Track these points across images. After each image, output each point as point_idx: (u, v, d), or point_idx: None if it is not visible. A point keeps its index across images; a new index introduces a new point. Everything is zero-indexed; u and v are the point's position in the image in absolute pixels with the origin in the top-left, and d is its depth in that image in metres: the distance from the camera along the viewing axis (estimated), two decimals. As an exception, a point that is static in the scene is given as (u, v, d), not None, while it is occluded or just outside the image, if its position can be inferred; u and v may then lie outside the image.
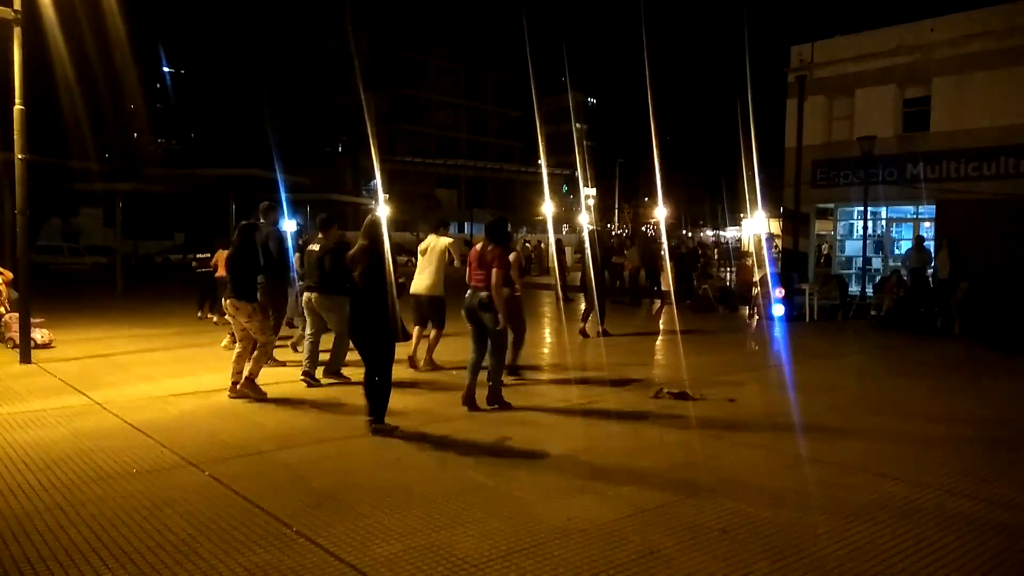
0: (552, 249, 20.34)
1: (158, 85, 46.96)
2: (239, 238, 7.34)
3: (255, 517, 4.30)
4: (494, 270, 6.81)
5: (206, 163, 42.47)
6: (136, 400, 7.24)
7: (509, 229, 7.46)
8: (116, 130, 37.01)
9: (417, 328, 9.04)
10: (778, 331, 13.30)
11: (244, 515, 4.32)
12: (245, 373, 7.27)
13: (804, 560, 3.82)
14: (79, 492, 4.66)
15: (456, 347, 9.23)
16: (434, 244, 8.90)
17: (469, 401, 6.94)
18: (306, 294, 8.33)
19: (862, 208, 17.49)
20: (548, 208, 33.99)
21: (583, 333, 12.26)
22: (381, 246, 6.32)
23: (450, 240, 9.04)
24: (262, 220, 8.85)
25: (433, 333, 9.03)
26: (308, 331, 8.37)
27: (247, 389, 7.23)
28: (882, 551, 3.95)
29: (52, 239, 33.65)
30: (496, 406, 6.98)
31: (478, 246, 7.19)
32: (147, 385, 7.97)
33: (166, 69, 48.47)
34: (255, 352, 7.33)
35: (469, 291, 7.09)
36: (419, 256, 9.08)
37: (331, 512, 4.38)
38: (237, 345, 7.45)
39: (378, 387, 6.16)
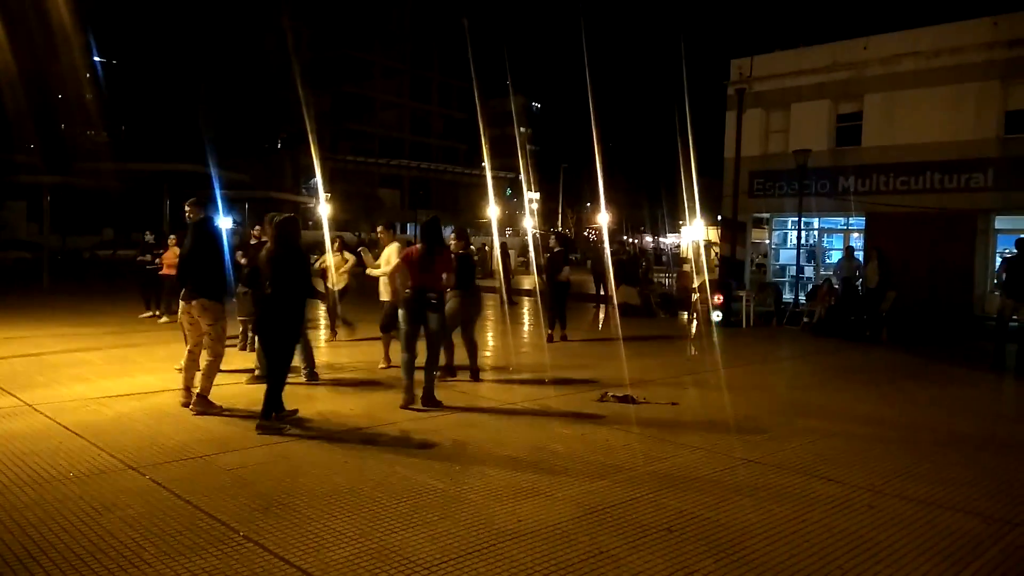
0: (497, 252, 20.41)
1: (88, 75, 45.29)
2: (199, 234, 6.89)
3: (200, 522, 4.21)
4: (446, 274, 7.05)
5: (140, 157, 41.20)
6: (69, 401, 6.99)
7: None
8: (43, 121, 35.62)
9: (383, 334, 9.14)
10: (716, 336, 13.63)
11: (189, 520, 4.23)
12: (196, 389, 6.74)
13: (747, 558, 3.95)
14: (13, 497, 4.49)
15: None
16: (390, 251, 8.91)
17: (409, 403, 7.00)
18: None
19: (796, 218, 18.09)
20: (493, 211, 34.08)
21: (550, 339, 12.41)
22: (292, 250, 6.29)
23: (396, 245, 8.97)
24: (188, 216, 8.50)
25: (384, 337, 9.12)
26: None
27: (201, 407, 6.67)
28: (820, 548, 4.11)
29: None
30: (430, 407, 7.04)
31: (417, 247, 7.25)
32: (80, 386, 7.71)
33: (97, 59, 46.78)
34: (205, 365, 6.79)
35: (413, 291, 7.11)
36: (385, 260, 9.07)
37: (279, 516, 4.33)
38: (188, 350, 6.93)
39: (267, 386, 6.21)
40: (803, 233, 19.36)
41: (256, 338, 8.33)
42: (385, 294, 9.07)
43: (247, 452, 5.60)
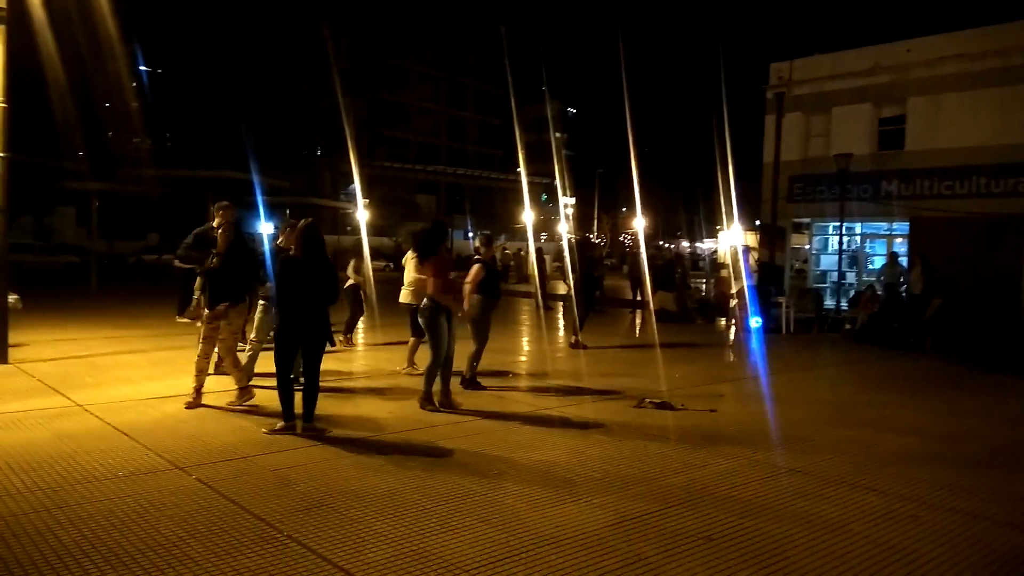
0: (532, 257, 20.46)
1: (135, 84, 46.43)
2: (239, 241, 7.31)
3: (245, 521, 4.30)
4: (431, 280, 7.22)
5: (184, 164, 42.15)
6: (117, 402, 7.18)
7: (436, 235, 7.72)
8: (90, 129, 36.62)
9: (412, 338, 9.18)
10: (755, 343, 13.48)
11: (233, 519, 4.33)
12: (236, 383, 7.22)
13: (787, 568, 3.91)
14: (65, 494, 4.64)
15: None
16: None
17: (445, 402, 7.31)
18: None
19: (837, 223, 17.79)
20: (528, 216, 34.14)
21: (574, 345, 12.25)
22: (315, 256, 6.36)
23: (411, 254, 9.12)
24: (215, 219, 8.64)
25: (411, 340, 9.16)
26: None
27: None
28: (863, 560, 4.05)
29: (23, 237, 33.20)
30: (428, 409, 7.23)
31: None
32: (127, 387, 7.91)
33: (143, 68, 47.94)
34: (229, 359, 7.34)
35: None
36: (404, 265, 9.17)
37: (320, 517, 4.40)
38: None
39: (308, 389, 6.31)
40: (845, 238, 19.06)
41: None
42: (405, 297, 9.10)
43: (289, 453, 5.70)
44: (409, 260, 9.04)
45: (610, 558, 3.96)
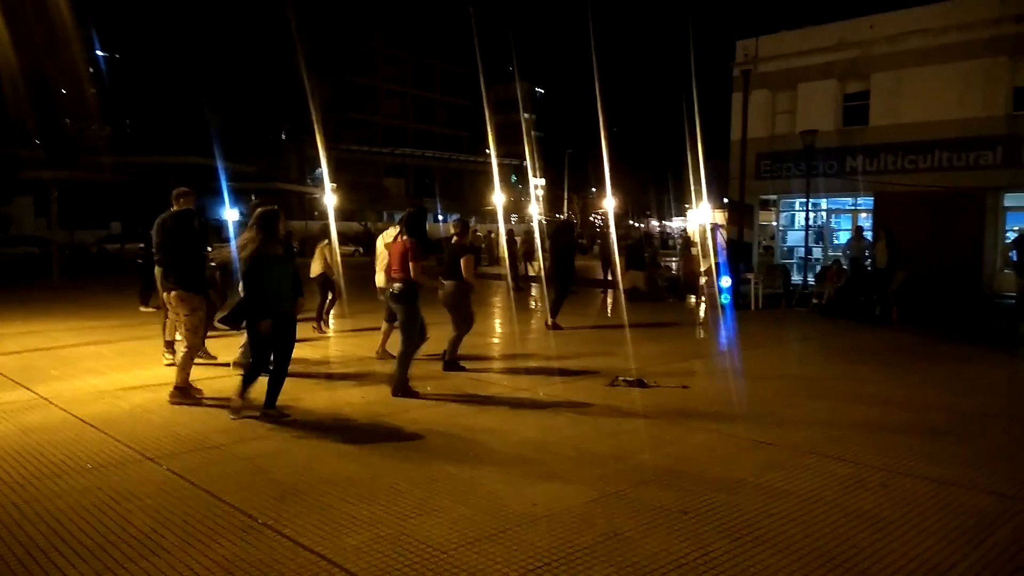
0: (503, 239, 20.41)
1: (91, 70, 45.18)
2: (175, 225, 7.05)
3: (218, 510, 4.26)
4: (411, 263, 6.99)
5: (145, 151, 41.30)
6: (84, 394, 7.05)
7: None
8: (47, 116, 35.67)
9: (386, 323, 9.07)
10: (725, 319, 13.62)
11: (207, 508, 4.28)
12: (175, 382, 6.79)
13: (762, 537, 3.97)
14: (32, 488, 4.54)
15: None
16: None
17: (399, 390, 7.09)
18: None
19: (803, 199, 18.00)
20: (498, 198, 34.03)
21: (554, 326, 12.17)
22: (273, 237, 6.24)
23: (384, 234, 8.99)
24: (173, 207, 8.47)
25: (385, 326, 9.08)
26: None
27: (177, 397, 6.71)
28: (834, 527, 4.13)
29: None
30: (401, 396, 7.06)
31: (399, 237, 7.35)
32: (94, 379, 7.76)
33: (100, 53, 46.66)
34: (180, 356, 6.94)
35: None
36: (382, 248, 9.01)
37: (296, 504, 4.36)
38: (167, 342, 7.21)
39: (279, 373, 6.29)
40: (811, 214, 19.29)
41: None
42: (382, 281, 8.99)
43: (262, 441, 5.64)
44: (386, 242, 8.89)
45: (587, 534, 3.98)
